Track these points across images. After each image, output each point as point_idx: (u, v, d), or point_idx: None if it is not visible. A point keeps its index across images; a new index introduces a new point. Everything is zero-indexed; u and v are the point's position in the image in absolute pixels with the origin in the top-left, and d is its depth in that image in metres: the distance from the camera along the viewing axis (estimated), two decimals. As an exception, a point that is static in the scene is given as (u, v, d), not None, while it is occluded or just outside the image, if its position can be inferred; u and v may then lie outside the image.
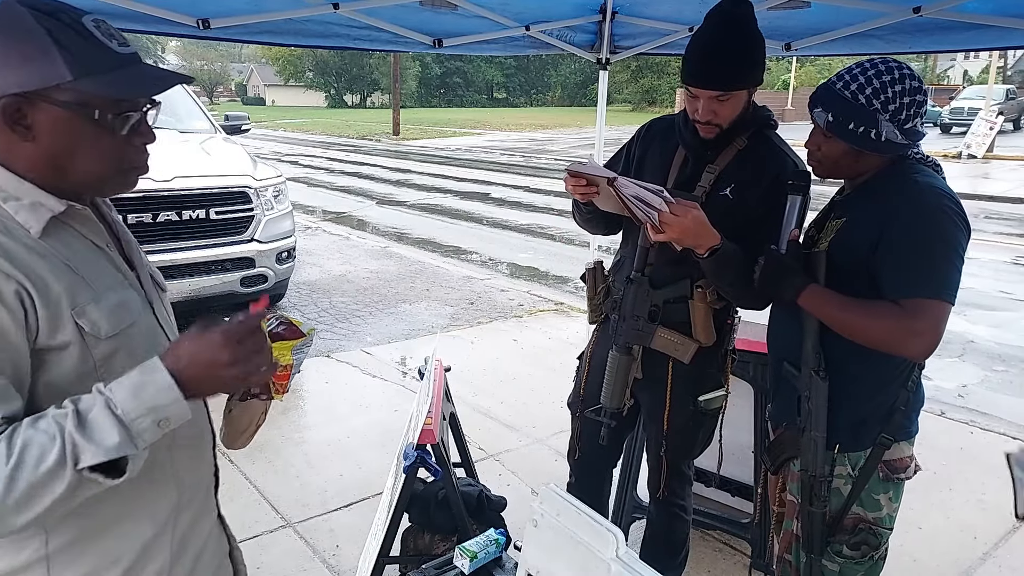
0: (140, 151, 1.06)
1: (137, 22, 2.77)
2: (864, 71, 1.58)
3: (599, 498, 2.37)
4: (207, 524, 1.25)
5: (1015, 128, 26.42)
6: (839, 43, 3.43)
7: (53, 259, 0.97)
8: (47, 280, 0.95)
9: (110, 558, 1.06)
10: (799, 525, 1.76)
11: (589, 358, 2.24)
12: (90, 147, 1.00)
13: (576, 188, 1.80)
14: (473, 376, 4.69)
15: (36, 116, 0.96)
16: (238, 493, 3.28)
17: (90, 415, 0.90)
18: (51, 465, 0.88)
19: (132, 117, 1.02)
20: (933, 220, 1.53)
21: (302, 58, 61.89)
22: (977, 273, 7.97)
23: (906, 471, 1.70)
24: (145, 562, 1.09)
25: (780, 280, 1.65)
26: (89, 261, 1.04)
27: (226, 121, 6.95)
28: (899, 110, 1.55)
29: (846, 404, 1.67)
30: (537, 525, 1.27)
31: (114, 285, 1.06)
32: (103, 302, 1.01)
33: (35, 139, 0.97)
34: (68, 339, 0.96)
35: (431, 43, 3.56)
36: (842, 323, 1.59)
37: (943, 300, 1.51)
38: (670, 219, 1.66)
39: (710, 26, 1.80)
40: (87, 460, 0.88)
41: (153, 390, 0.92)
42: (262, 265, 5.47)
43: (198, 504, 1.21)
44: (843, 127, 1.58)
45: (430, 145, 26.08)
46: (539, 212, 12.07)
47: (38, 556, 1.01)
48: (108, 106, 0.99)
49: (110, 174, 1.04)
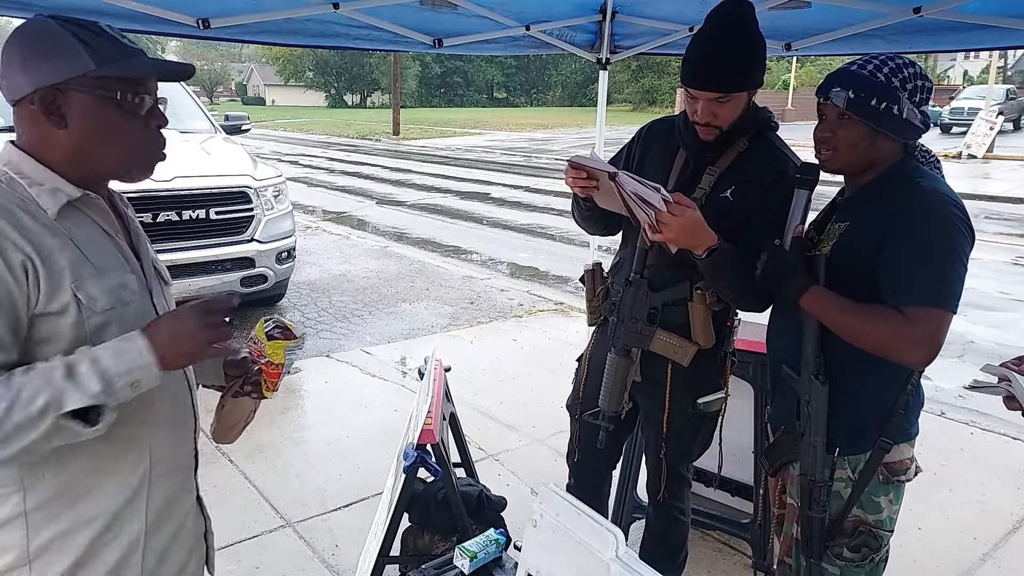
0: (157, 135, 1.21)
1: (137, 22, 2.77)
2: (876, 57, 1.59)
3: (598, 500, 2.36)
4: (186, 503, 1.34)
5: (1015, 128, 26.42)
6: (839, 43, 3.43)
7: (63, 237, 1.11)
8: (54, 254, 1.09)
9: (83, 519, 1.16)
10: (799, 529, 1.76)
11: (588, 360, 2.23)
12: (116, 129, 1.15)
13: (576, 181, 1.78)
14: (473, 376, 4.69)
15: (68, 104, 1.11)
16: (238, 493, 3.28)
17: (79, 367, 1.05)
18: (41, 405, 1.01)
19: (148, 100, 1.17)
20: (938, 227, 1.51)
21: (302, 58, 61.84)
22: (977, 273, 7.97)
23: (906, 473, 1.69)
24: (117, 529, 1.19)
25: (783, 279, 1.64)
26: (97, 243, 1.17)
27: (226, 121, 6.94)
28: (915, 91, 1.55)
29: (845, 408, 1.66)
30: (537, 525, 1.27)
31: (116, 267, 1.18)
32: (103, 279, 1.14)
33: (68, 127, 1.12)
34: (65, 306, 1.09)
35: (431, 43, 3.56)
36: (842, 327, 1.58)
37: (945, 309, 1.50)
38: (668, 218, 1.65)
39: (710, 27, 1.79)
40: (71, 403, 1.02)
41: (132, 355, 1.07)
42: (262, 265, 5.47)
43: (175, 483, 1.29)
44: (865, 104, 1.54)
45: (430, 145, 26.08)
46: (539, 212, 12.07)
47: (17, 512, 1.12)
48: (128, 87, 1.13)
49: (134, 156, 1.19)
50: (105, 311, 1.13)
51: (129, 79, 1.14)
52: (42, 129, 1.12)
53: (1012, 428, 4.09)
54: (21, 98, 1.11)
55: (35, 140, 1.14)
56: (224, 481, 3.35)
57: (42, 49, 1.10)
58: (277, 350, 1.40)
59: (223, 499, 3.19)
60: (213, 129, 6.48)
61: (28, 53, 1.10)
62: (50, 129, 1.12)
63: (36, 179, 1.12)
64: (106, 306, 1.13)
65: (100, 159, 1.16)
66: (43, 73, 1.09)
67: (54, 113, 1.11)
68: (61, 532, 1.14)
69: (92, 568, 1.17)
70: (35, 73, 1.09)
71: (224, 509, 3.10)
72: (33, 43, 1.10)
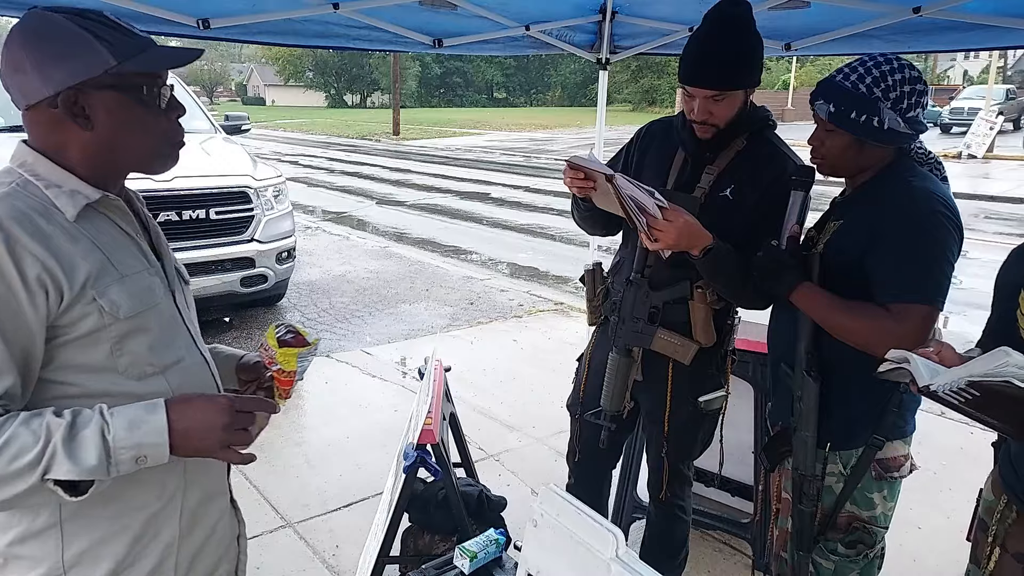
0: (177, 125, 1.19)
1: (137, 22, 2.71)
2: (863, 63, 1.59)
3: (598, 499, 2.36)
4: (220, 505, 1.30)
5: (1015, 128, 26.38)
6: (839, 43, 3.43)
7: (85, 241, 1.06)
8: (75, 261, 1.04)
9: (119, 526, 1.11)
10: (792, 523, 1.78)
11: (588, 360, 2.24)
12: (140, 123, 1.11)
13: (574, 181, 1.79)
14: (473, 376, 4.69)
15: (92, 104, 1.06)
16: (238, 493, 3.24)
17: (83, 432, 0.97)
18: (23, 465, 0.94)
19: (167, 92, 1.14)
20: (925, 225, 1.54)
21: (302, 58, 61.85)
22: (977, 273, 7.97)
23: (900, 470, 1.71)
24: (153, 534, 1.15)
25: (774, 275, 1.66)
26: (118, 246, 1.12)
27: (226, 121, 6.95)
28: (900, 98, 1.55)
29: (838, 404, 1.68)
30: (537, 525, 1.27)
31: (140, 270, 1.14)
32: (126, 284, 1.09)
33: (93, 127, 1.07)
34: (85, 314, 1.04)
35: (431, 43, 3.56)
36: (831, 322, 1.60)
37: (931, 305, 1.52)
38: (663, 225, 1.67)
39: (707, 25, 1.80)
40: (58, 474, 0.95)
41: (147, 429, 1.00)
42: (262, 265, 5.47)
43: (208, 484, 1.25)
44: (845, 116, 1.57)
45: (430, 145, 26.08)
46: (539, 212, 12.06)
47: (52, 521, 1.06)
48: (148, 81, 1.11)
49: (160, 147, 1.16)
50: (128, 318, 1.08)
51: (148, 73, 1.11)
52: (64, 131, 1.07)
53: (1012, 428, 4.09)
54: (37, 102, 1.05)
55: (53, 142, 1.08)
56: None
57: (55, 48, 1.03)
58: (288, 357, 1.35)
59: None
60: (213, 129, 6.47)
61: (40, 54, 1.03)
62: (74, 131, 1.07)
63: (53, 181, 1.07)
64: (129, 313, 1.08)
65: (125, 156, 1.12)
66: (61, 73, 1.03)
67: (79, 115, 1.06)
68: (97, 540, 1.09)
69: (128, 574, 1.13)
70: (52, 74, 1.03)
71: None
72: (43, 42, 1.04)
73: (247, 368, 1.42)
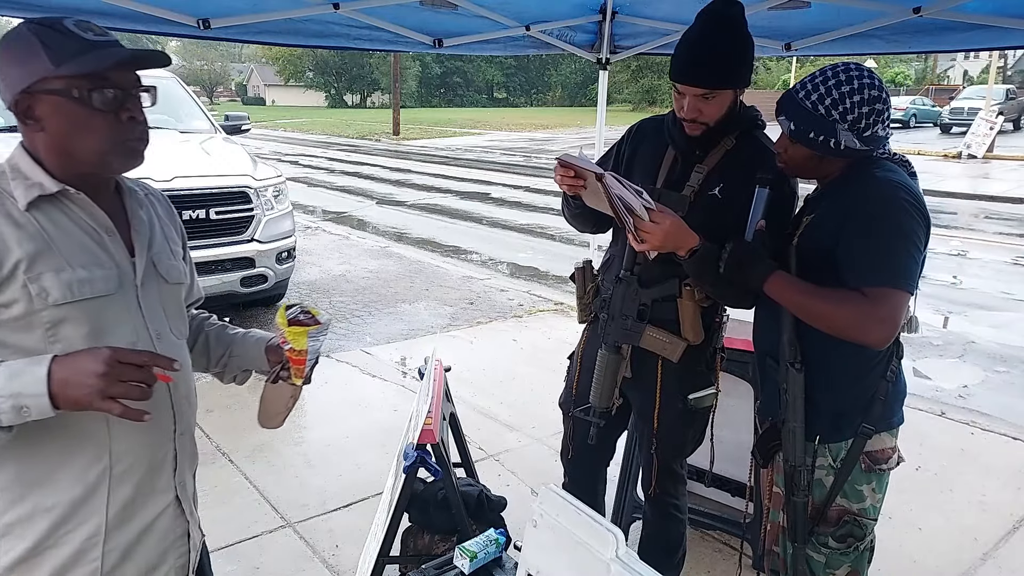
0: (131, 126, 1.19)
1: (137, 22, 2.77)
2: (825, 80, 1.61)
3: (594, 497, 2.37)
4: (157, 503, 1.31)
5: (1015, 128, 26.41)
6: (839, 43, 3.44)
7: (29, 228, 1.13)
8: (10, 246, 1.11)
9: (43, 506, 1.18)
10: (785, 516, 1.80)
11: (580, 358, 2.25)
12: (85, 125, 1.15)
13: (564, 178, 1.81)
14: (473, 376, 4.69)
15: (39, 108, 1.14)
16: (238, 493, 3.28)
17: None
18: None
19: (109, 93, 1.15)
20: (889, 212, 1.57)
21: (302, 58, 61.83)
22: (978, 273, 7.98)
23: (888, 462, 1.73)
24: (76, 521, 1.20)
25: (746, 266, 1.67)
26: (70, 238, 1.17)
27: (226, 121, 6.95)
28: (858, 119, 1.59)
29: (825, 396, 1.70)
30: (537, 525, 1.27)
31: (87, 263, 1.17)
32: (64, 274, 1.14)
33: (44, 129, 1.15)
34: (14, 298, 1.11)
35: (431, 43, 3.56)
36: (807, 310, 1.61)
37: (901, 289, 1.54)
38: (649, 227, 1.68)
39: (700, 25, 1.82)
40: None
41: (26, 379, 1.04)
42: (262, 265, 5.47)
43: (143, 482, 1.27)
44: (804, 135, 1.63)
45: (430, 145, 26.08)
46: (539, 212, 12.07)
47: None
48: (89, 83, 1.13)
49: (109, 148, 1.17)
50: (60, 305, 1.13)
51: (88, 75, 1.13)
52: (28, 131, 1.17)
53: (1012, 428, 4.10)
54: (10, 104, 1.15)
55: (27, 140, 1.19)
56: (224, 481, 3.35)
57: (14, 55, 1.13)
58: (297, 336, 1.35)
59: (223, 499, 3.19)
60: (213, 129, 6.48)
61: (2, 62, 1.14)
62: (33, 131, 1.16)
63: (24, 174, 1.16)
64: (60, 300, 1.12)
65: (79, 155, 1.17)
66: (15, 79, 1.13)
67: (29, 117, 1.14)
68: (23, 516, 1.17)
69: (49, 556, 1.19)
70: (11, 80, 1.13)
71: (224, 509, 3.10)
72: (9, 49, 1.14)
73: (272, 349, 1.48)
